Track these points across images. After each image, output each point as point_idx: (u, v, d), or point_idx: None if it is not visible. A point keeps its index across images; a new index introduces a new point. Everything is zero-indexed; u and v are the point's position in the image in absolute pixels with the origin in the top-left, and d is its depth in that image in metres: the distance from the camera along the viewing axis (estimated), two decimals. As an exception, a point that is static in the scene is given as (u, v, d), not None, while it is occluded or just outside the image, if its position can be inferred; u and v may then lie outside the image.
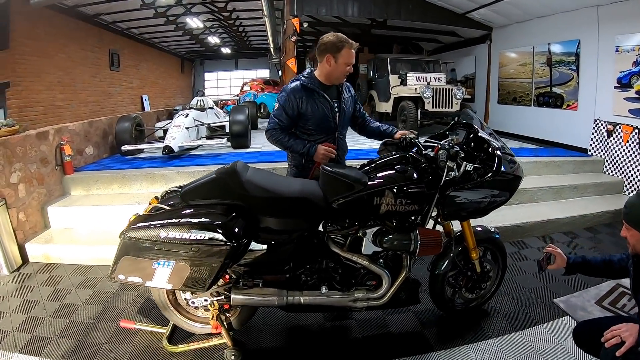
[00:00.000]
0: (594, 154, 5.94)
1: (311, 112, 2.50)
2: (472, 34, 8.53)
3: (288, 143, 2.54)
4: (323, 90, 2.53)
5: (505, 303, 2.86)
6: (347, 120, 2.73)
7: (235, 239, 1.83)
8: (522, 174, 2.33)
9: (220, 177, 2.03)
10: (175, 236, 1.82)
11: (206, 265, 1.82)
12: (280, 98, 2.54)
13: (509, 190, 2.30)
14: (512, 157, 2.30)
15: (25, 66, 7.23)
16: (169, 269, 1.85)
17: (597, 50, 5.81)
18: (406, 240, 2.11)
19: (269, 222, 2.05)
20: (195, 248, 1.81)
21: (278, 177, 2.32)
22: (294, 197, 2.08)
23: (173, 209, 2.00)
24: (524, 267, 3.44)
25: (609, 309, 2.75)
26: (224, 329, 2.20)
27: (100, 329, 2.56)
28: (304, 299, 2.16)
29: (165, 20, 10.21)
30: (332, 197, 2.10)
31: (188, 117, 6.07)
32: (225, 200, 2.00)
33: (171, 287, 1.89)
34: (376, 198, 2.05)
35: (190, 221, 1.86)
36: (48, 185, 4.34)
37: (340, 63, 2.45)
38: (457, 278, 2.54)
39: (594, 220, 4.50)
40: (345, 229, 2.18)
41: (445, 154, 2.05)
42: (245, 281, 2.14)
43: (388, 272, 2.19)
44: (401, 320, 2.66)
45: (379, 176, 2.12)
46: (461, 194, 2.19)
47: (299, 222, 2.10)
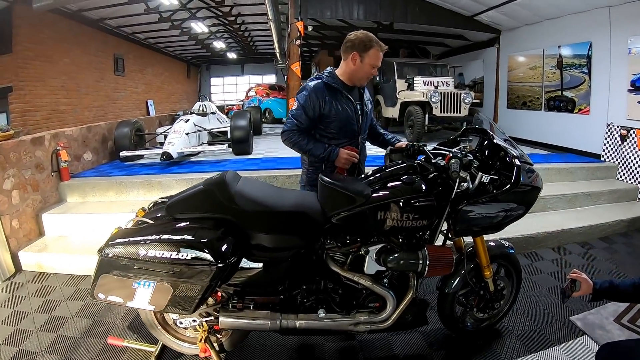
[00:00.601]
0: (607, 160, 5.74)
1: (335, 113, 2.32)
2: (480, 37, 8.36)
3: (307, 146, 2.34)
4: (347, 91, 2.35)
5: (518, 321, 2.66)
6: (367, 124, 2.56)
7: (222, 258, 1.66)
8: (542, 185, 2.12)
9: (208, 189, 1.87)
10: (156, 254, 1.65)
11: (190, 286, 1.65)
12: (299, 97, 2.34)
13: (527, 203, 2.09)
14: (530, 165, 2.08)
15: (28, 70, 7.21)
16: (150, 289, 1.69)
17: (609, 53, 5.62)
18: (413, 259, 1.90)
19: (261, 238, 1.86)
20: (177, 268, 1.64)
21: (272, 188, 2.16)
22: (289, 212, 1.90)
23: (156, 224, 1.84)
24: (538, 282, 3.23)
25: (628, 327, 2.56)
26: (213, 352, 2.03)
27: (88, 345, 2.44)
28: (299, 323, 1.97)
29: (170, 25, 10.16)
30: (331, 211, 1.91)
31: (188, 122, 5.96)
32: (214, 214, 1.83)
33: (154, 309, 1.73)
34: (380, 212, 1.85)
35: (172, 238, 1.68)
36: (43, 191, 4.24)
37: (366, 63, 2.28)
38: (469, 297, 2.34)
39: (609, 230, 4.30)
40: (346, 247, 2.00)
41: (458, 163, 1.82)
42: (235, 303, 1.97)
43: (393, 293, 2.00)
44: (407, 341, 2.47)
45: (383, 188, 1.93)
46: (475, 209, 1.97)
47: (295, 239, 1.91)
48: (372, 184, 1.95)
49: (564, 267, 3.47)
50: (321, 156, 2.33)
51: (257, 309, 1.98)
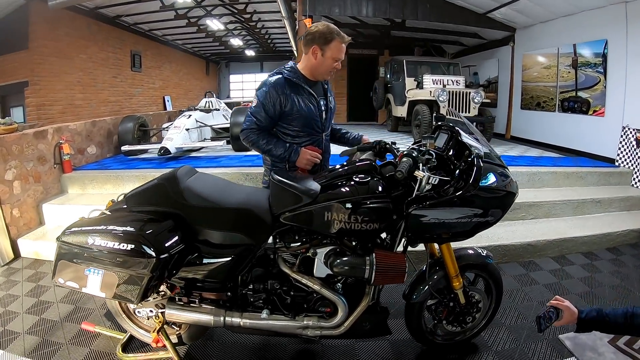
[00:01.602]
0: (622, 165, 5.46)
1: (297, 110, 2.21)
2: (495, 35, 8.14)
3: (266, 146, 2.25)
4: (309, 86, 2.26)
5: (500, 337, 2.46)
6: (331, 121, 2.47)
7: (160, 251, 1.66)
8: (517, 190, 1.91)
9: (160, 183, 1.90)
10: (101, 244, 1.70)
11: (133, 277, 1.68)
12: (259, 94, 2.23)
13: (497, 210, 1.87)
14: (503, 169, 1.90)
15: (44, 66, 7.45)
16: (99, 277, 1.74)
17: (625, 51, 5.36)
18: (359, 265, 1.80)
19: (207, 234, 1.85)
20: (120, 258, 1.67)
21: (225, 184, 2.13)
22: (235, 209, 1.87)
23: (110, 215, 1.90)
24: (530, 293, 3.02)
25: (625, 350, 2.30)
26: (168, 343, 2.05)
27: (65, 329, 2.54)
28: (243, 322, 1.93)
29: (186, 22, 10.28)
30: (278, 210, 1.86)
31: (190, 118, 6.01)
32: (164, 208, 1.84)
33: (104, 296, 1.77)
34: (327, 213, 1.77)
35: (116, 229, 1.72)
36: (45, 183, 4.37)
37: (328, 57, 2.18)
38: (437, 309, 2.19)
39: (618, 240, 4.03)
40: (294, 247, 1.93)
41: (408, 163, 1.71)
42: (181, 296, 1.96)
43: (344, 299, 1.90)
44: (373, 350, 2.35)
45: (333, 187, 1.84)
46: (428, 214, 1.76)
47: (241, 237, 1.86)
48: (324, 183, 1.87)
49: (563, 279, 3.26)
50: (281, 156, 2.25)
51: (204, 304, 1.96)
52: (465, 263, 2.14)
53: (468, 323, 2.23)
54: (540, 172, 4.91)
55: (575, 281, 3.23)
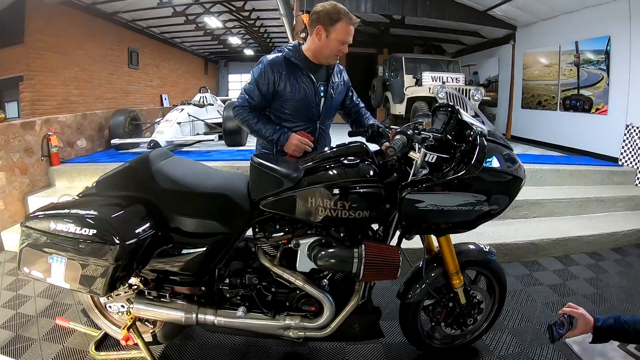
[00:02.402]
0: (626, 164, 5.34)
1: (290, 92, 2.06)
2: (495, 33, 8.03)
3: (256, 125, 2.10)
4: (309, 68, 2.09)
5: (503, 340, 2.29)
6: (333, 109, 2.29)
7: (124, 238, 1.50)
8: (524, 176, 1.72)
9: (131, 166, 1.78)
10: (63, 229, 1.53)
11: (96, 266, 1.52)
12: (254, 71, 2.09)
13: (502, 197, 1.67)
14: (510, 150, 1.71)
15: (40, 61, 7.37)
16: (62, 265, 1.58)
17: (629, 47, 5.25)
18: (346, 258, 1.62)
19: (179, 221, 1.69)
20: (82, 244, 1.51)
21: (204, 168, 1.98)
22: (209, 194, 1.71)
23: (78, 200, 1.75)
24: (534, 295, 2.85)
25: (636, 355, 2.10)
26: (141, 342, 1.88)
27: (40, 324, 2.43)
28: (217, 320, 1.76)
29: (184, 20, 10.20)
30: (257, 195, 1.69)
31: (182, 112, 5.91)
32: (134, 193, 1.70)
33: (69, 287, 1.60)
34: (310, 199, 1.60)
35: (79, 213, 1.56)
36: (32, 175, 4.26)
37: (333, 39, 2.00)
38: (435, 310, 2.00)
39: (623, 240, 3.90)
40: (275, 238, 1.75)
41: (402, 141, 1.55)
42: (151, 290, 1.80)
43: (331, 297, 1.73)
44: (364, 354, 2.18)
45: (319, 170, 1.68)
46: (425, 199, 1.56)
47: (215, 225, 1.69)
48: (309, 166, 1.71)
49: (568, 280, 3.12)
50: (269, 138, 2.10)
51: (176, 299, 1.79)
52: (465, 259, 1.96)
53: (469, 325, 2.04)
54: (543, 169, 4.80)
55: (580, 282, 3.10)
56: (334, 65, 2.22)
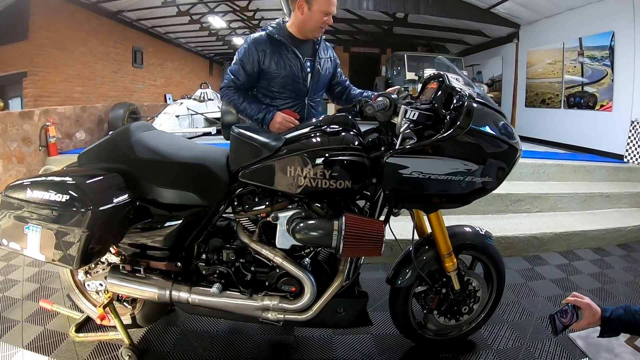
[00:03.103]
0: (631, 161, 5.24)
1: (275, 69, 2.04)
2: (498, 32, 8.00)
3: (241, 105, 2.09)
4: (294, 44, 2.06)
5: (502, 334, 2.18)
6: (321, 85, 2.25)
7: (96, 205, 1.44)
8: (521, 148, 1.61)
9: (112, 138, 1.74)
10: (38, 196, 1.49)
11: (69, 235, 1.46)
12: (239, 51, 2.08)
13: (499, 167, 1.56)
14: (504, 120, 1.60)
15: (43, 57, 7.41)
16: (37, 235, 1.54)
17: (633, 42, 5.17)
18: (325, 230, 1.51)
19: (156, 192, 1.63)
20: (55, 212, 1.46)
21: (185, 141, 1.93)
22: (186, 163, 1.64)
23: (57, 170, 1.72)
24: (536, 288, 2.76)
25: None
26: (117, 321, 1.83)
27: (25, 307, 2.40)
28: (191, 297, 1.68)
29: (189, 20, 10.22)
30: (236, 165, 1.62)
31: (182, 106, 5.94)
32: (114, 164, 1.65)
33: (44, 259, 1.55)
34: (289, 167, 1.52)
35: (54, 179, 1.52)
36: (29, 164, 4.27)
37: (315, 10, 1.97)
38: (427, 296, 1.87)
39: (629, 236, 3.79)
40: (253, 211, 1.66)
41: (383, 102, 1.47)
42: (125, 264, 1.74)
43: (312, 277, 1.63)
44: (353, 345, 2.06)
45: (299, 139, 1.60)
46: (409, 164, 1.45)
47: (192, 196, 1.62)
48: (291, 136, 1.64)
49: (572, 274, 3.01)
50: (255, 117, 2.08)
51: (151, 275, 1.72)
52: (460, 243, 1.85)
53: (463, 314, 1.92)
54: (546, 164, 4.71)
55: (585, 277, 3.00)
56: (320, 41, 2.19)
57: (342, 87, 2.37)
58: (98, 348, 1.98)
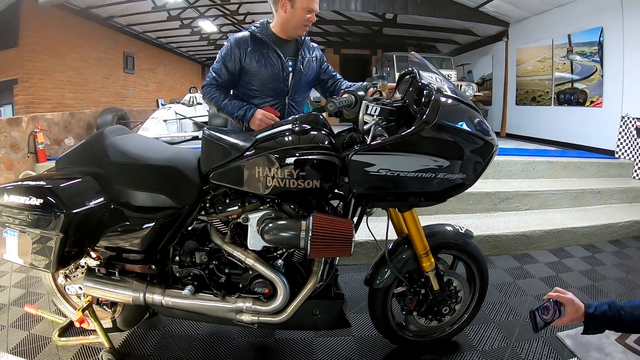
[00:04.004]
0: (622, 156, 5.27)
1: (256, 67, 2.04)
2: (488, 31, 8.04)
3: (222, 102, 2.09)
4: (277, 44, 2.07)
5: (488, 335, 2.14)
6: (304, 85, 2.24)
7: (69, 208, 1.45)
8: (497, 144, 1.57)
9: (87, 141, 1.77)
10: (14, 201, 1.51)
11: (45, 238, 1.48)
12: (222, 50, 2.10)
13: (470, 162, 1.51)
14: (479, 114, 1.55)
15: (34, 64, 7.37)
16: (15, 239, 1.56)
17: (622, 37, 5.21)
18: (292, 230, 1.50)
19: (128, 195, 1.63)
20: (31, 215, 1.48)
21: (157, 144, 1.92)
22: (157, 166, 1.64)
23: (36, 175, 1.75)
24: (524, 287, 2.73)
25: (635, 349, 1.96)
26: (97, 325, 1.83)
27: (11, 312, 2.40)
28: (165, 300, 1.67)
29: (179, 24, 10.21)
30: (206, 167, 1.62)
31: (170, 110, 5.94)
32: (88, 168, 1.66)
33: (22, 263, 1.57)
34: (257, 168, 1.50)
35: (29, 184, 1.53)
36: (18, 171, 4.24)
37: (298, 8, 1.98)
38: (406, 297, 1.85)
39: (621, 232, 3.79)
40: (224, 213, 1.66)
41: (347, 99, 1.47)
42: (100, 267, 1.74)
43: (284, 278, 1.62)
44: (334, 347, 2.04)
45: (269, 139, 1.58)
46: (375, 161, 1.43)
47: (163, 199, 1.62)
48: (261, 136, 1.62)
49: (562, 272, 2.99)
50: (235, 115, 2.07)
51: (125, 277, 1.72)
52: (439, 242, 1.82)
53: (445, 315, 1.89)
54: (535, 161, 4.72)
55: (575, 274, 2.98)
56: (304, 41, 2.19)
57: (333, 81, 2.34)
58: (80, 352, 1.97)
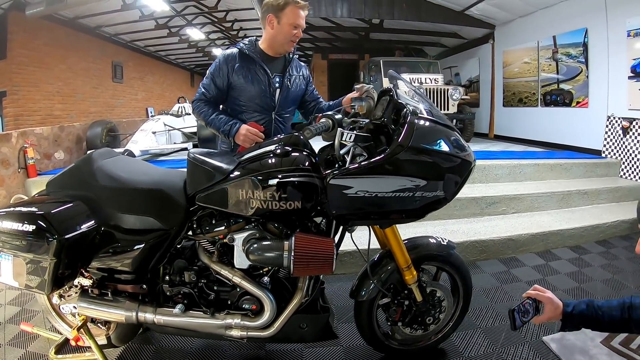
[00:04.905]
0: (609, 156, 5.34)
1: (243, 83, 2.10)
2: (474, 33, 8.11)
3: (210, 117, 2.13)
4: (264, 60, 2.13)
5: (474, 341, 2.17)
6: (290, 101, 2.27)
7: (60, 233, 1.49)
8: (474, 160, 1.60)
9: (76, 165, 1.81)
10: (7, 227, 1.56)
11: (38, 262, 1.53)
12: (211, 66, 2.17)
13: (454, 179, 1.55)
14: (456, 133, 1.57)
15: (23, 76, 7.37)
16: (9, 263, 1.61)
17: (606, 38, 5.27)
18: (276, 251, 1.54)
19: (118, 218, 1.67)
20: (24, 241, 1.52)
21: (145, 166, 1.96)
22: (144, 189, 1.68)
23: (27, 199, 1.80)
24: (511, 292, 2.74)
25: (620, 351, 1.97)
26: (92, 342, 1.85)
27: (6, 330, 2.40)
28: (157, 318, 1.71)
29: (167, 32, 10.22)
30: (192, 189, 1.65)
31: (158, 122, 5.96)
32: (78, 191, 1.71)
33: (17, 285, 1.61)
34: (241, 190, 1.54)
35: (21, 210, 1.57)
36: (9, 187, 4.25)
37: (284, 24, 2.04)
38: (390, 309, 1.90)
39: (608, 232, 3.83)
40: (211, 233, 1.70)
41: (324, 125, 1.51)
42: (93, 288, 1.78)
43: (270, 295, 1.66)
44: (323, 357, 2.07)
45: (252, 161, 1.62)
46: (352, 184, 1.47)
47: (152, 221, 1.66)
48: (244, 158, 1.65)
49: (548, 275, 3.02)
50: (222, 130, 2.11)
51: (118, 297, 1.76)
52: (422, 254, 1.86)
53: (429, 325, 1.94)
54: (522, 164, 4.76)
55: (562, 277, 3.01)
56: (292, 59, 2.24)
57: (315, 103, 2.40)
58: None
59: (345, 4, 6.71)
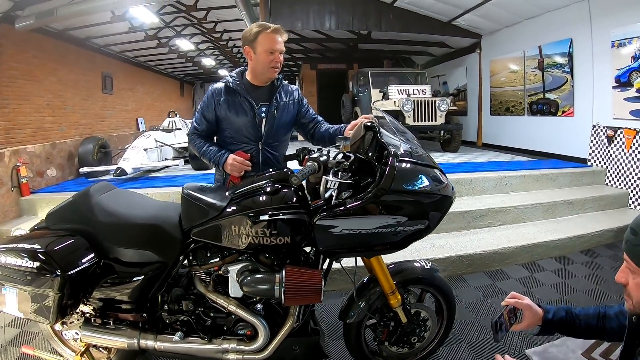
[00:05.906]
0: (594, 164, 5.45)
1: (229, 116, 2.18)
2: (461, 43, 8.24)
3: (201, 149, 2.24)
4: (249, 91, 2.19)
5: (459, 355, 2.27)
6: (278, 129, 2.29)
7: (64, 270, 1.58)
8: (453, 194, 1.71)
9: (75, 200, 1.89)
10: (11, 262, 1.63)
11: (44, 296, 1.60)
12: (202, 100, 2.28)
13: (429, 215, 1.64)
14: (436, 170, 1.68)
15: (12, 89, 7.26)
16: (14, 295, 1.68)
17: (591, 48, 5.40)
18: (268, 283, 1.65)
19: (117, 252, 1.77)
20: (28, 276, 1.60)
21: (141, 199, 2.06)
22: (142, 224, 1.79)
23: (28, 234, 1.85)
24: (496, 305, 2.81)
25: None
26: None
27: (7, 353, 2.46)
28: (157, 345, 1.81)
29: (157, 43, 10.20)
30: (187, 224, 1.76)
31: (149, 138, 5.97)
32: (78, 226, 1.80)
33: (22, 316, 1.69)
34: (234, 227, 1.66)
35: (25, 247, 1.64)
36: (2, 206, 4.27)
37: (260, 53, 2.09)
38: (377, 330, 2.02)
39: (593, 241, 3.92)
40: (206, 265, 1.81)
41: (310, 168, 1.59)
42: (95, 317, 1.86)
43: (264, 321, 1.77)
44: None
45: (243, 198, 1.73)
46: (337, 224, 1.57)
47: (150, 254, 1.76)
48: (236, 194, 1.75)
49: (533, 287, 3.10)
50: (212, 160, 2.21)
51: (120, 326, 1.85)
52: (407, 277, 1.97)
53: (415, 343, 2.05)
54: (508, 176, 4.83)
55: (546, 288, 3.09)
56: (280, 85, 2.28)
57: (313, 124, 2.42)
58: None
59: (333, 16, 6.80)
